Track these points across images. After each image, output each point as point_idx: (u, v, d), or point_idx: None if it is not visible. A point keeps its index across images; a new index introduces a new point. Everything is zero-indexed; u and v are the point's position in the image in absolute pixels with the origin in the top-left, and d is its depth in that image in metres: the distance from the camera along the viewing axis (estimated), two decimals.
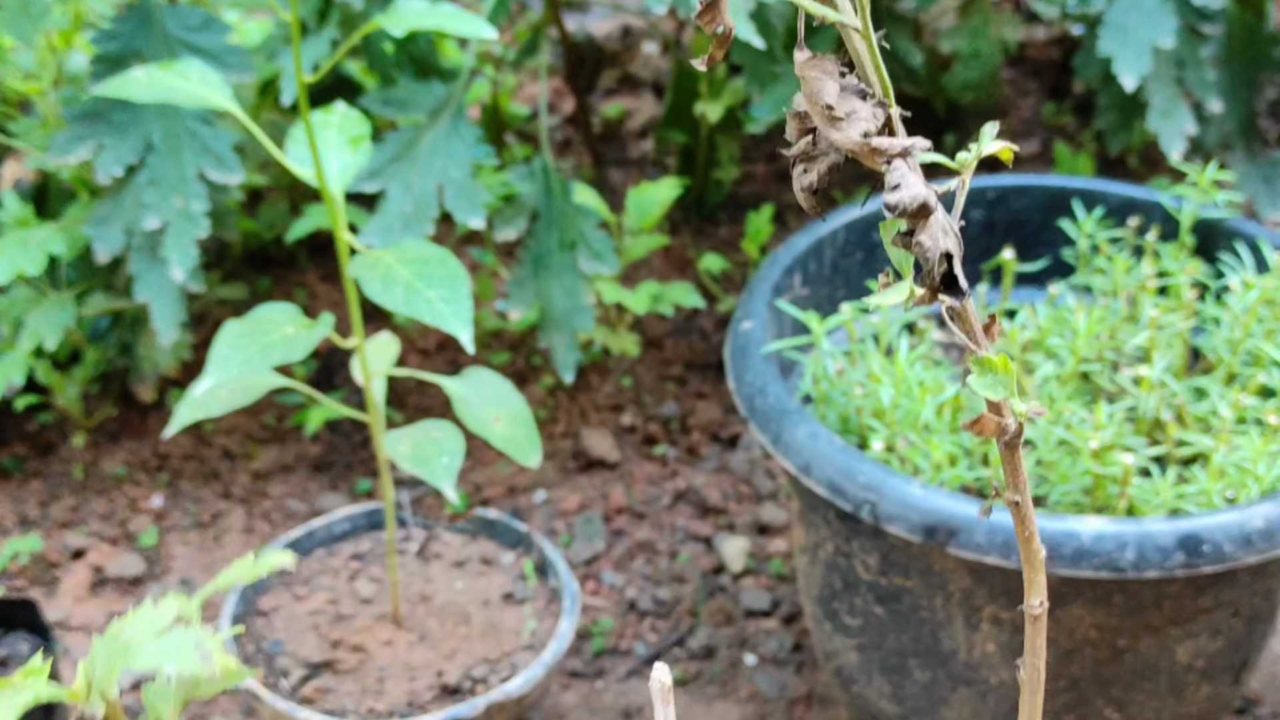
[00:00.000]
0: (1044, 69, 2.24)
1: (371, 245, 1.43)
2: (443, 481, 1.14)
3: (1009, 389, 0.47)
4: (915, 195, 0.43)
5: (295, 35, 1.04)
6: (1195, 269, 1.29)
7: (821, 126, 0.43)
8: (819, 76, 0.43)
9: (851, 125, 0.43)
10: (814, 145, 0.45)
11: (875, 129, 0.44)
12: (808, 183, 0.45)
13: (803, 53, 0.41)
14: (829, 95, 0.43)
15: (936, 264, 0.45)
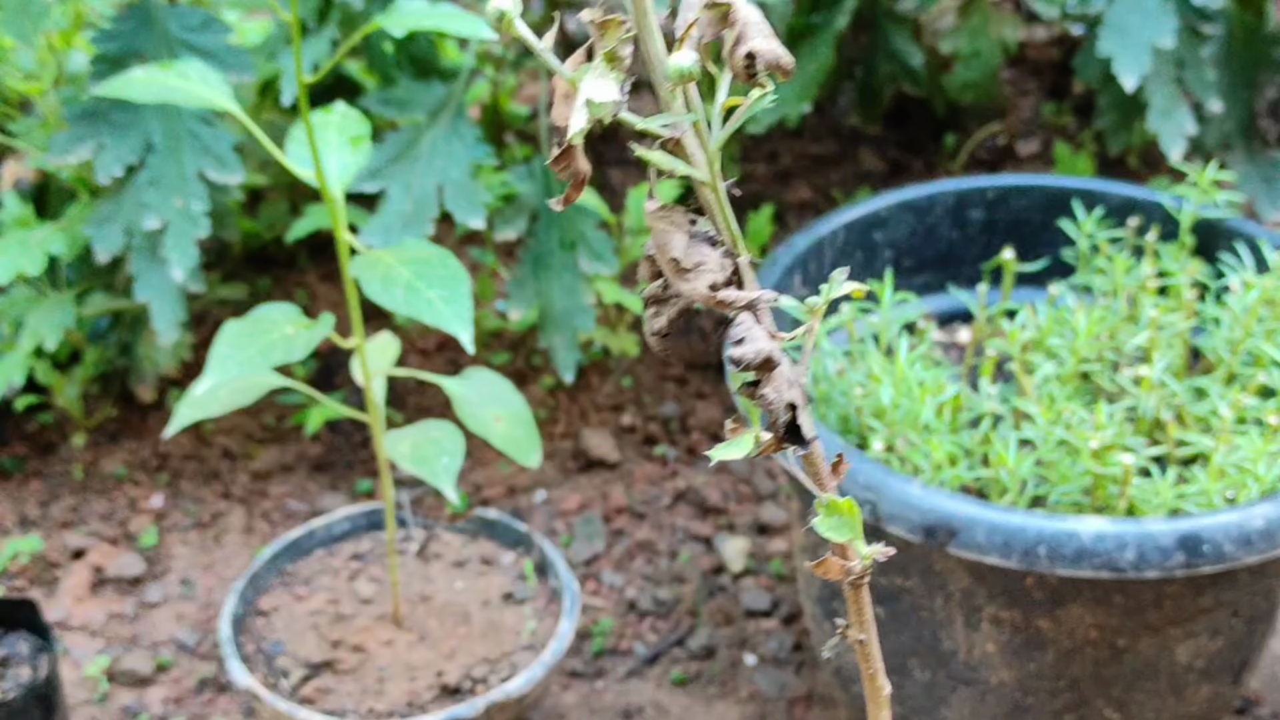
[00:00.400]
0: (1044, 69, 2.24)
1: (371, 245, 1.43)
2: (443, 481, 1.14)
3: (854, 532, 0.49)
4: (759, 350, 0.44)
5: (295, 35, 1.04)
6: (1195, 269, 1.29)
7: (670, 277, 0.44)
8: (667, 229, 0.44)
9: (699, 277, 0.44)
10: (664, 290, 0.46)
11: (723, 280, 0.44)
12: (658, 327, 0.46)
13: (651, 203, 0.42)
14: (676, 248, 0.44)
15: (781, 415, 0.46)
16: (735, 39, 0.38)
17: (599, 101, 0.38)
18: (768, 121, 1.70)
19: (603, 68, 0.39)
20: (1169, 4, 1.54)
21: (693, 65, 0.37)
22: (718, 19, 0.39)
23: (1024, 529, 1.02)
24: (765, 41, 0.38)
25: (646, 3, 0.39)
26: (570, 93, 0.40)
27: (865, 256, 1.38)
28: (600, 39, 0.39)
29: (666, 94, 0.40)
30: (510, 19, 0.39)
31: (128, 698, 1.37)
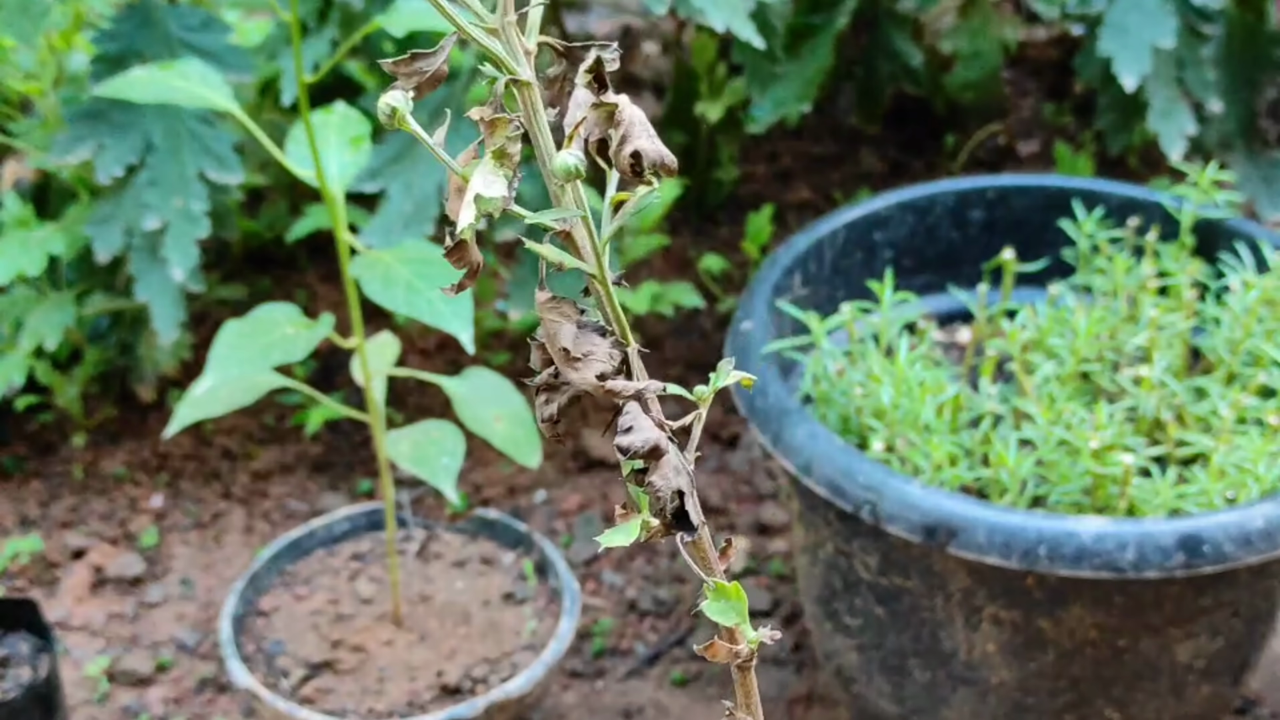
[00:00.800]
0: (1044, 69, 2.24)
1: (371, 245, 1.43)
2: (443, 481, 1.14)
3: (741, 616, 0.50)
4: (647, 439, 0.45)
5: (295, 35, 1.04)
6: (1195, 269, 1.29)
7: (560, 366, 0.45)
8: (557, 320, 0.45)
9: (588, 366, 0.45)
10: (555, 378, 0.47)
11: (612, 369, 0.45)
12: (548, 414, 0.47)
13: (542, 293, 0.43)
14: (565, 339, 0.45)
15: (669, 502, 0.46)
16: (621, 138, 0.39)
17: (488, 197, 0.39)
18: (768, 121, 1.70)
19: (492, 164, 0.40)
20: (1169, 4, 1.54)
21: (578, 164, 0.38)
22: (604, 118, 0.40)
23: (1024, 529, 1.02)
24: (649, 141, 0.39)
25: (537, 101, 0.40)
26: (462, 187, 0.41)
27: (865, 256, 1.38)
28: (490, 136, 0.40)
29: (556, 188, 0.41)
30: (402, 115, 0.40)
31: (128, 698, 1.37)
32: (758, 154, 2.10)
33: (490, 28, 0.39)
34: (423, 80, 0.41)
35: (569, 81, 0.43)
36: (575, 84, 0.43)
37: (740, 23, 1.40)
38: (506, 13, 0.39)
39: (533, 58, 0.40)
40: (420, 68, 0.41)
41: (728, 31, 1.40)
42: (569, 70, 0.43)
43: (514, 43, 0.40)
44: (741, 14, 1.41)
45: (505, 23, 0.39)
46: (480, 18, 0.39)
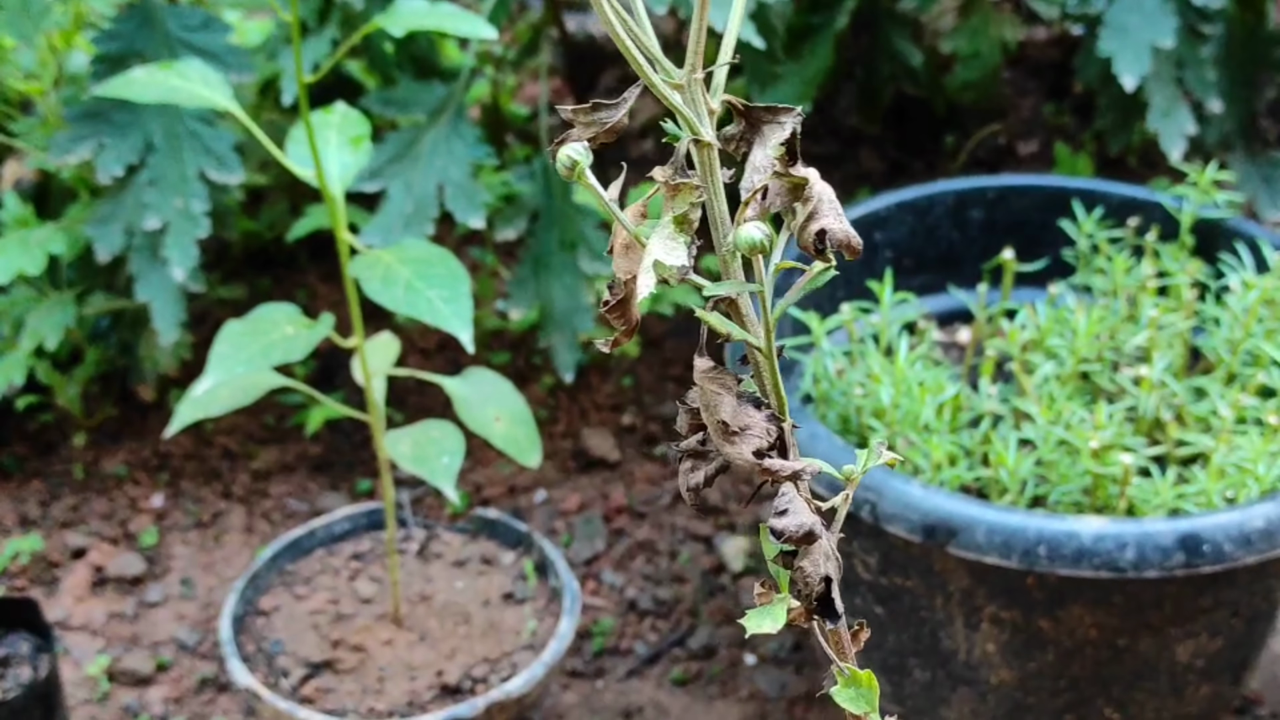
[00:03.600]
0: (1044, 69, 2.24)
1: (372, 245, 1.43)
2: (443, 481, 1.14)
3: (871, 705, 0.50)
4: (802, 524, 0.44)
5: (295, 35, 1.05)
6: (1195, 269, 1.29)
7: (715, 437, 0.44)
8: (717, 391, 0.43)
9: (745, 441, 0.44)
10: (702, 445, 0.46)
11: (768, 445, 0.44)
12: (694, 482, 0.46)
13: (703, 361, 0.42)
14: (725, 411, 0.44)
15: (816, 588, 0.46)
16: (808, 215, 0.38)
17: (669, 265, 0.38)
18: None
19: (671, 229, 0.39)
20: (1169, 4, 1.54)
21: (764, 239, 0.37)
22: (788, 190, 0.39)
23: (1024, 529, 1.02)
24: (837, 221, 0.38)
25: (715, 163, 0.39)
26: (631, 244, 0.40)
27: (865, 256, 1.38)
28: (671, 200, 0.39)
29: (725, 253, 0.40)
30: (582, 169, 0.39)
31: (128, 697, 1.37)
32: None
33: (677, 84, 0.39)
34: (601, 131, 0.40)
35: (744, 142, 0.42)
36: (751, 145, 0.41)
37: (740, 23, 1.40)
38: (695, 70, 0.39)
39: (714, 117, 0.39)
40: (601, 118, 0.40)
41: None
42: (746, 131, 0.41)
43: (699, 101, 0.39)
44: (741, 13, 1.41)
45: (692, 79, 0.39)
46: (669, 73, 0.38)
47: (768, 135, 0.41)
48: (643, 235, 0.39)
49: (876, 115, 1.99)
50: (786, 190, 0.38)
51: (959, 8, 1.94)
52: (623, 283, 0.41)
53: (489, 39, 1.22)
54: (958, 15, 1.94)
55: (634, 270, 0.40)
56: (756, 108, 0.41)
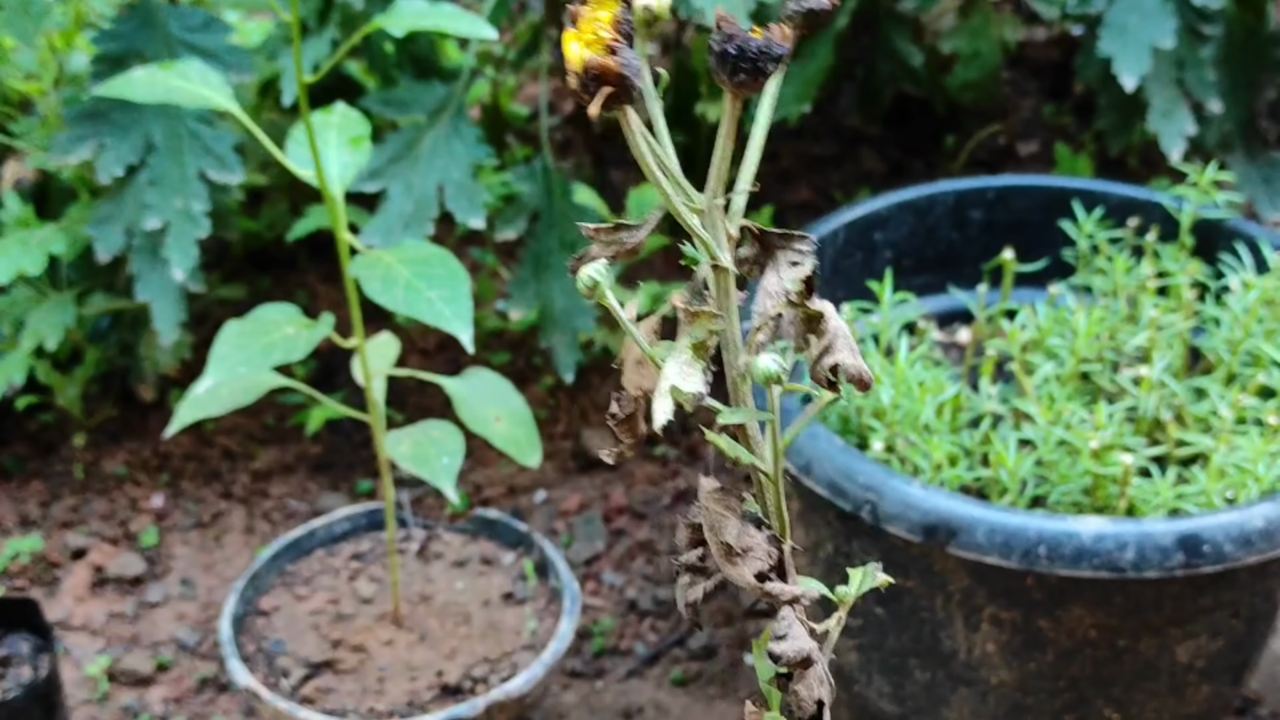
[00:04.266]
0: (1044, 69, 2.24)
1: (372, 245, 1.44)
2: (443, 481, 1.14)
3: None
4: (800, 649, 0.44)
5: (295, 36, 1.05)
6: (1195, 269, 1.29)
7: (717, 557, 0.44)
8: (723, 513, 0.43)
9: (747, 563, 0.44)
10: (703, 560, 0.46)
11: (769, 568, 0.44)
12: (693, 598, 0.46)
13: (709, 482, 0.42)
14: (729, 534, 0.44)
15: (809, 711, 0.46)
16: (823, 349, 0.38)
17: (686, 391, 0.38)
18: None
19: (689, 355, 0.39)
20: (1169, 4, 1.54)
21: (780, 371, 0.37)
22: (804, 321, 0.39)
23: (1024, 529, 1.02)
24: (851, 357, 0.38)
25: (732, 287, 0.39)
26: (644, 360, 0.40)
27: (865, 257, 1.38)
28: (689, 325, 0.39)
29: (736, 375, 0.40)
30: (603, 290, 0.39)
31: (128, 697, 1.37)
32: None
33: (698, 208, 0.39)
34: (621, 250, 0.40)
35: (757, 265, 0.42)
36: (764, 269, 0.41)
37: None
38: (716, 195, 0.39)
39: (732, 243, 0.40)
40: (622, 238, 0.40)
41: None
42: (760, 254, 0.42)
43: (718, 226, 0.39)
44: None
45: (713, 205, 0.39)
46: (690, 198, 0.39)
47: (781, 260, 0.41)
48: (658, 356, 0.39)
49: (877, 115, 1.99)
50: (802, 321, 0.39)
51: (959, 8, 1.94)
52: (632, 398, 0.41)
53: (489, 39, 1.22)
54: (958, 15, 1.94)
55: (644, 385, 0.41)
56: (772, 233, 0.42)
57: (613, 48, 0.35)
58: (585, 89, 0.35)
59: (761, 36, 0.38)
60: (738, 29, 0.38)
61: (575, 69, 0.35)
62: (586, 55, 0.35)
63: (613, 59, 0.34)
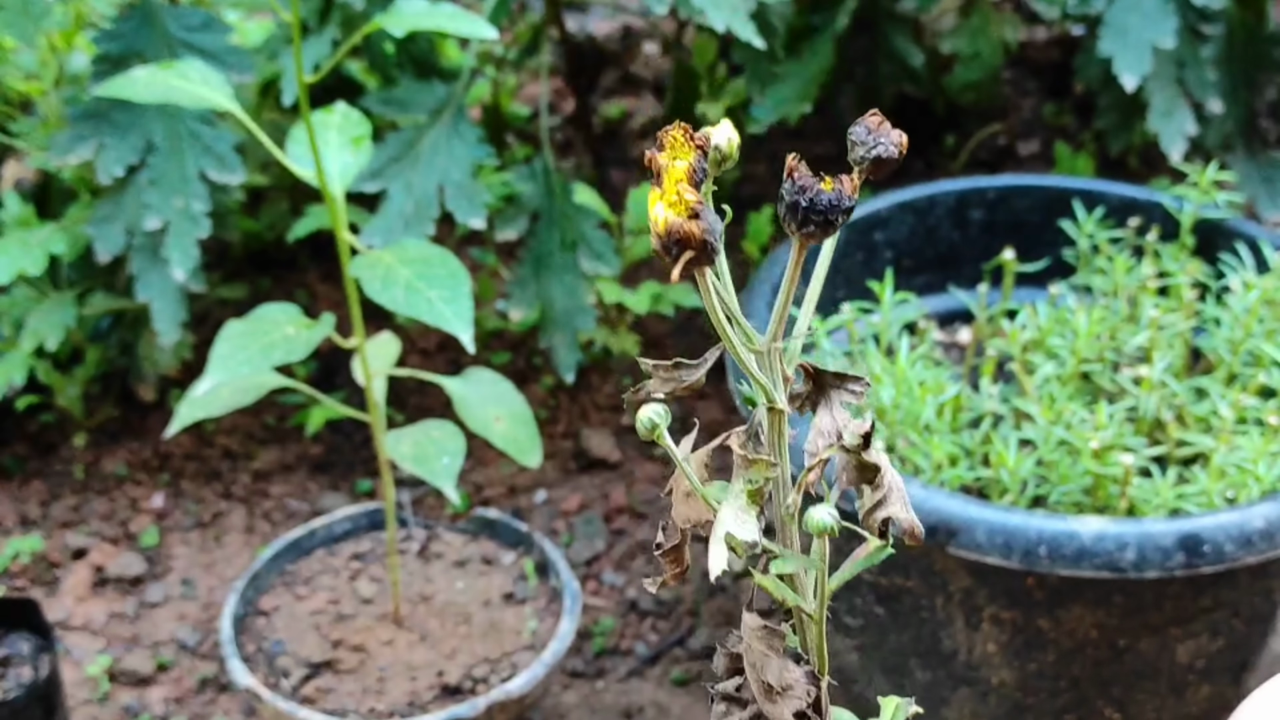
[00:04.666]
0: (1044, 69, 2.24)
1: (372, 245, 1.44)
2: (443, 481, 1.14)
3: None
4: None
5: (296, 35, 1.05)
6: (1195, 269, 1.29)
7: (757, 693, 0.44)
8: (766, 652, 0.43)
9: (786, 702, 0.44)
10: (739, 691, 0.45)
11: (806, 706, 0.44)
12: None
13: (753, 618, 0.42)
14: (771, 674, 0.44)
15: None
16: (877, 501, 0.39)
17: (741, 540, 0.38)
18: (768, 122, 1.70)
19: (744, 501, 0.39)
20: (1169, 4, 1.54)
21: (834, 524, 0.38)
22: (860, 472, 0.39)
23: (1024, 529, 1.02)
24: (904, 510, 0.38)
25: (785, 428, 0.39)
26: (693, 494, 0.40)
27: (865, 256, 1.38)
28: (745, 471, 0.39)
29: (784, 515, 0.40)
30: (662, 431, 0.39)
31: (128, 697, 1.37)
32: (758, 154, 2.10)
33: (757, 349, 0.39)
34: (679, 387, 0.40)
35: (810, 403, 0.42)
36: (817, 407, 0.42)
37: (740, 23, 1.40)
38: (776, 338, 0.39)
39: (788, 385, 0.40)
40: (680, 376, 0.40)
41: (728, 31, 1.40)
42: (814, 393, 0.42)
43: (776, 368, 0.39)
44: (742, 14, 1.41)
45: (772, 348, 0.39)
46: (750, 339, 0.39)
47: (834, 399, 0.42)
48: (711, 497, 0.40)
49: None
50: (855, 469, 0.39)
51: (959, 8, 1.94)
52: (679, 529, 0.41)
53: (490, 39, 1.22)
54: (958, 15, 1.94)
55: (692, 518, 0.40)
56: (826, 373, 0.42)
57: (696, 212, 0.34)
58: (667, 250, 0.35)
59: (832, 188, 0.38)
60: (809, 179, 0.38)
61: (658, 231, 0.35)
62: (670, 219, 0.35)
63: (696, 224, 0.34)
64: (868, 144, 0.41)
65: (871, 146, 0.40)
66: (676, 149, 0.37)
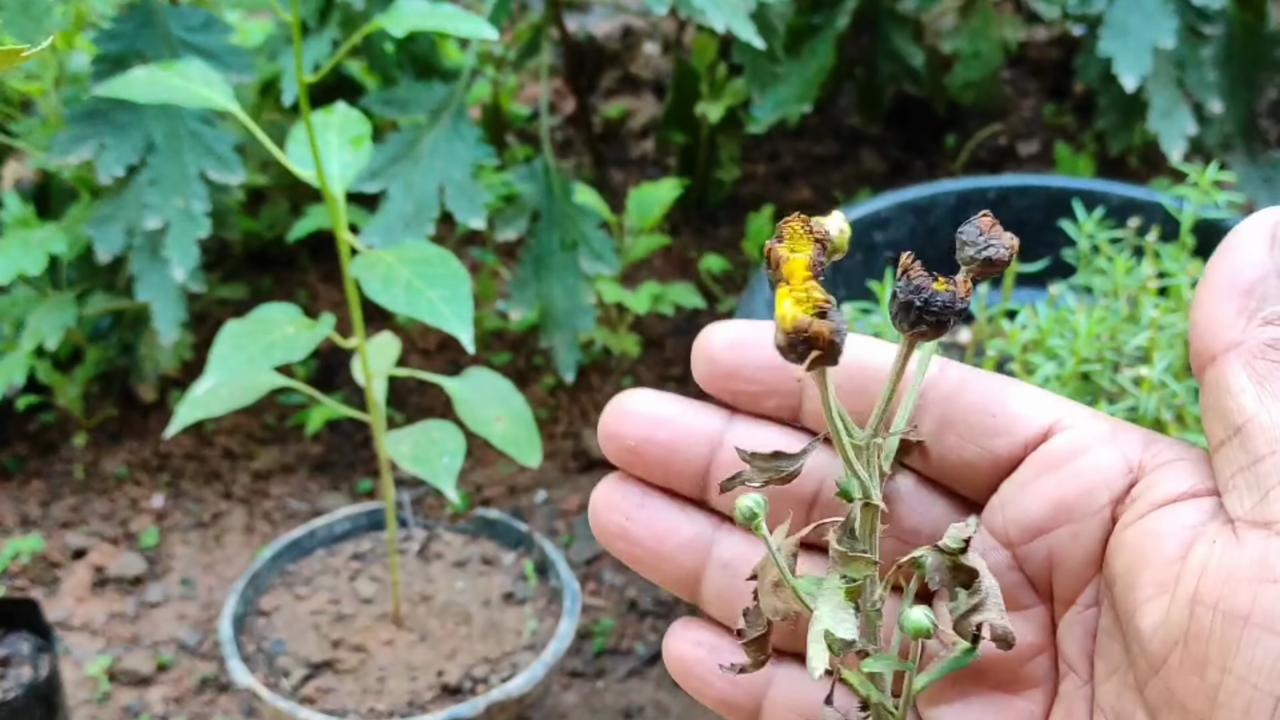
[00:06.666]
0: (1044, 69, 2.24)
1: (372, 245, 1.44)
2: (443, 481, 1.14)
3: None
4: None
5: (296, 35, 1.05)
6: (1196, 269, 1.29)
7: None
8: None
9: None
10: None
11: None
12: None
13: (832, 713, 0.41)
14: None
15: None
16: (972, 606, 0.38)
17: (840, 639, 0.37)
18: (768, 122, 1.70)
19: (841, 598, 0.38)
20: (1169, 4, 1.54)
21: (930, 626, 0.37)
22: (950, 571, 0.39)
23: None
24: (998, 616, 0.38)
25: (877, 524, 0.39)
26: (781, 584, 0.39)
27: (865, 257, 1.38)
28: (843, 567, 0.38)
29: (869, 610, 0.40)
30: (760, 522, 0.39)
31: (128, 697, 1.37)
32: (758, 154, 2.10)
33: (857, 444, 0.39)
34: (775, 478, 0.40)
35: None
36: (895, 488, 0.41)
37: (740, 23, 1.40)
38: (876, 433, 0.39)
39: (885, 480, 0.39)
40: (779, 466, 0.40)
41: (728, 31, 1.40)
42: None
43: (874, 464, 0.39)
44: (742, 14, 1.41)
45: (872, 443, 0.39)
46: (851, 432, 0.39)
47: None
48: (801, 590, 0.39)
49: (877, 115, 1.99)
50: (948, 570, 0.38)
51: (960, 8, 1.94)
52: (765, 620, 0.41)
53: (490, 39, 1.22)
54: (958, 15, 1.94)
55: (779, 608, 0.40)
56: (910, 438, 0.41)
57: (824, 310, 0.34)
58: (792, 348, 0.34)
59: (945, 289, 0.38)
60: (925, 279, 0.38)
61: (785, 329, 0.34)
62: (799, 317, 0.34)
63: (825, 324, 0.34)
64: (979, 245, 0.41)
65: (983, 248, 0.41)
66: (795, 240, 0.36)
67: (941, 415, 0.40)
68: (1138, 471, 0.38)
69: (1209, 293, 0.39)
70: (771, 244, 0.36)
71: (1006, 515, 0.39)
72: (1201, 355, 0.39)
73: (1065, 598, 0.39)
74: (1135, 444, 0.38)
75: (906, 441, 0.40)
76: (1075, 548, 0.38)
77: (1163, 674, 0.35)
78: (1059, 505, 0.38)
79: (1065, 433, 0.39)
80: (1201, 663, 0.34)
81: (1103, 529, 0.37)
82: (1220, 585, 0.33)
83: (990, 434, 0.39)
